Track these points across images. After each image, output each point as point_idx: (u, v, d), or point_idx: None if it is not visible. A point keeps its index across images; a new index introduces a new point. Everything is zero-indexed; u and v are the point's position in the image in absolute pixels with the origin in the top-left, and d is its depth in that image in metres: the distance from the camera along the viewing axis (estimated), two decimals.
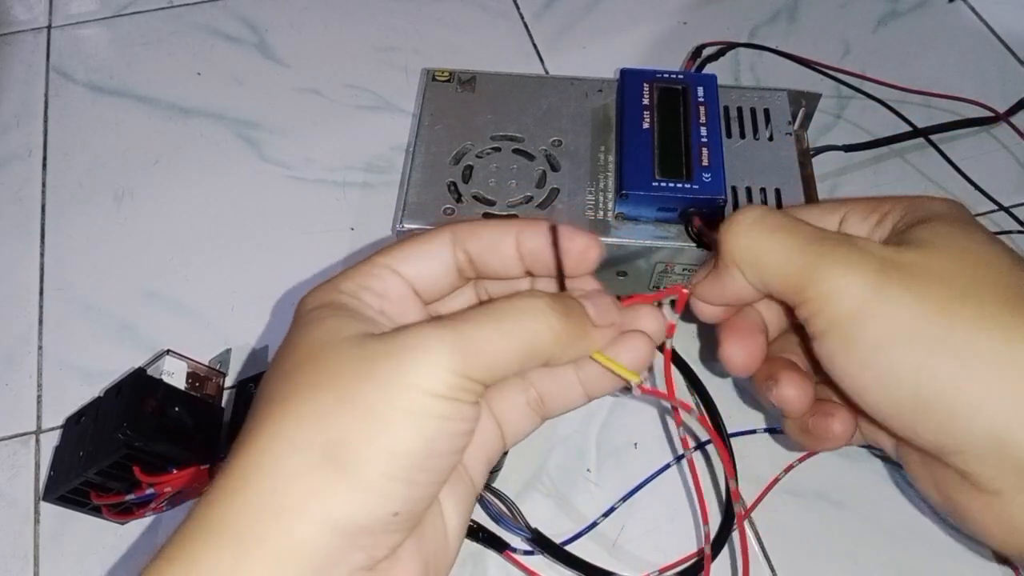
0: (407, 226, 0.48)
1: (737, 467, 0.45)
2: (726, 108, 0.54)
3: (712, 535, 0.43)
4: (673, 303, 0.32)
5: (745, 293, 0.31)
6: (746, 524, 0.45)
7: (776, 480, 0.46)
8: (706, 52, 0.62)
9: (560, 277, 0.29)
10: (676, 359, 0.49)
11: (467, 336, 0.25)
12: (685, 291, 0.30)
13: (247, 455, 0.25)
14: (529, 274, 0.30)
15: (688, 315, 0.33)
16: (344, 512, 0.24)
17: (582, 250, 0.29)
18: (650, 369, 0.51)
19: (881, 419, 0.29)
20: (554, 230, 0.29)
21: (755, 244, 0.29)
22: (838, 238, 0.29)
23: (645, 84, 0.52)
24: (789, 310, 0.31)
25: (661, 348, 0.32)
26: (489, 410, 0.30)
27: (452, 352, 0.25)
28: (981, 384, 0.26)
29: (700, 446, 0.47)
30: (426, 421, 0.24)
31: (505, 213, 0.49)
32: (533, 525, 0.44)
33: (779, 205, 0.49)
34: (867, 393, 0.28)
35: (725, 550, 0.44)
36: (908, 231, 0.30)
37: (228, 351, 0.51)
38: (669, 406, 0.49)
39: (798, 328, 0.33)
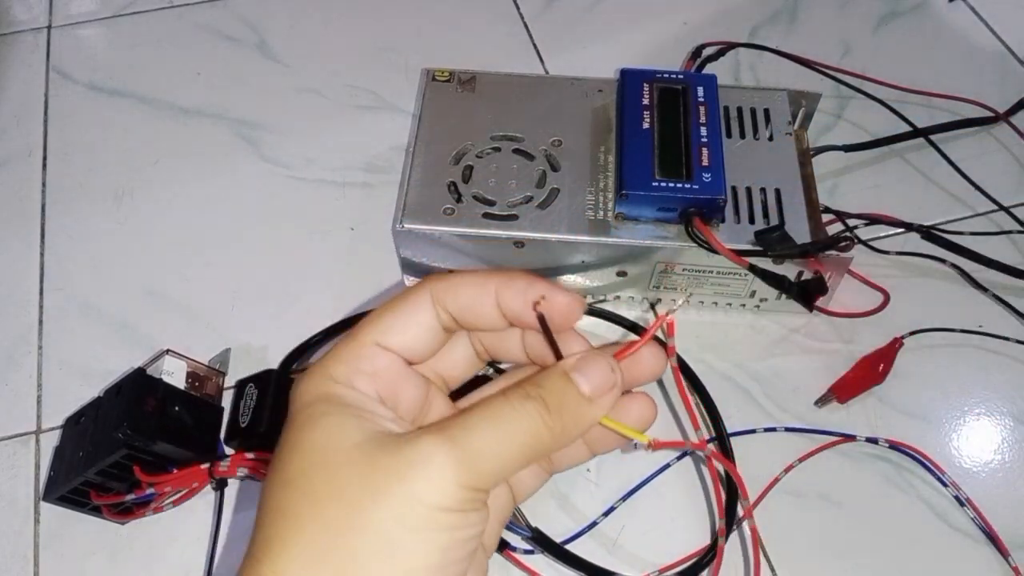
0: (407, 226, 0.48)
1: (737, 467, 0.45)
2: (726, 108, 0.54)
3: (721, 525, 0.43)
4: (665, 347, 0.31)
5: None
6: (745, 524, 0.45)
7: (776, 480, 0.46)
8: (706, 52, 0.62)
9: (554, 349, 0.29)
10: (676, 359, 0.49)
11: (469, 447, 0.25)
12: (668, 317, 0.30)
13: None
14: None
15: None
16: None
17: (565, 310, 0.28)
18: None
19: None
20: (542, 319, 0.28)
21: None
22: None
23: (645, 84, 0.52)
24: None
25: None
26: None
27: (456, 465, 0.25)
28: None
29: (698, 449, 0.47)
30: (437, 535, 0.25)
31: (505, 213, 0.49)
32: (533, 524, 0.44)
33: (779, 205, 0.49)
34: None
35: (726, 549, 0.44)
36: None
37: (228, 351, 0.51)
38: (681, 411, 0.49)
39: None
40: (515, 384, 0.28)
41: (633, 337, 0.51)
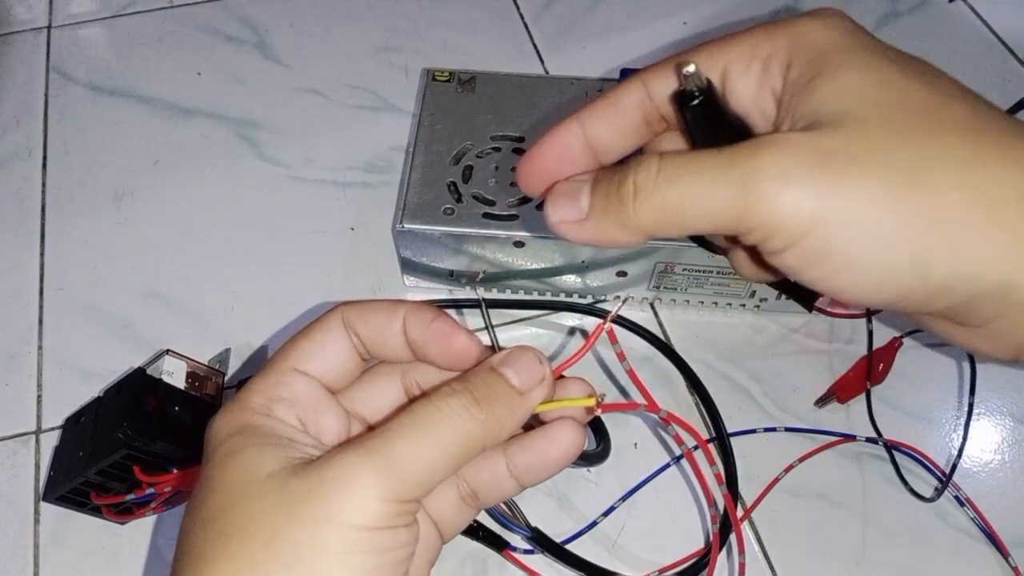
0: (407, 226, 0.49)
1: (738, 467, 0.45)
2: None
3: (717, 527, 0.43)
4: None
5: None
6: (746, 524, 0.45)
7: (776, 480, 0.46)
8: None
9: (492, 340, 0.28)
10: (677, 360, 0.49)
11: (393, 457, 0.24)
12: (606, 325, 0.29)
13: None
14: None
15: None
16: None
17: (460, 350, 0.28)
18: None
19: (875, 307, 0.26)
20: (481, 302, 0.29)
21: (667, 204, 0.25)
22: (754, 150, 0.25)
23: None
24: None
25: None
26: (425, 513, 0.29)
27: (380, 479, 0.23)
28: (980, 243, 0.23)
29: (699, 446, 0.47)
30: (363, 558, 0.23)
31: (505, 213, 0.49)
32: (533, 524, 0.44)
33: None
34: (860, 291, 0.26)
35: (725, 549, 0.44)
36: (810, 92, 0.26)
37: (228, 351, 0.51)
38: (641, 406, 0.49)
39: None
40: (438, 384, 0.27)
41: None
